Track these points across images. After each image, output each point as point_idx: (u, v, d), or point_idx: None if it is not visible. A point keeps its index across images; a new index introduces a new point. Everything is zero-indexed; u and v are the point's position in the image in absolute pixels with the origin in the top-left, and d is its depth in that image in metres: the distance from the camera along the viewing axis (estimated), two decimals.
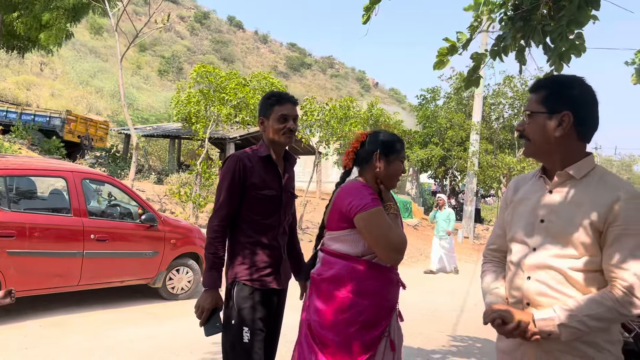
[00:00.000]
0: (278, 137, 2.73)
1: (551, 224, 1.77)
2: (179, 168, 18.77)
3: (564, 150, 1.81)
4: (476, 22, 3.93)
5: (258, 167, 2.71)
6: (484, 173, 20.54)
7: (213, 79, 12.32)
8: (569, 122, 1.78)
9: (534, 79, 3.98)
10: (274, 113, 2.71)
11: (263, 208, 2.71)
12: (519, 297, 1.82)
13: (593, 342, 1.70)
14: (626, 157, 49.10)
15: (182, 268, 7.66)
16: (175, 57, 70.53)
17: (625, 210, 1.66)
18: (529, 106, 1.86)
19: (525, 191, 1.93)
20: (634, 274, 1.62)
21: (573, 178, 1.79)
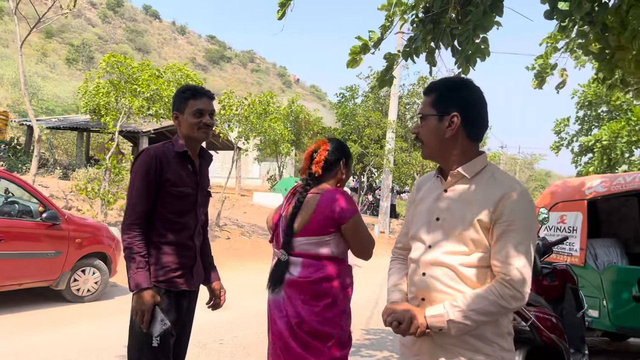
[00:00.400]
0: (193, 133, 2.63)
1: (445, 222, 1.83)
2: (88, 163, 17.78)
3: (455, 151, 1.87)
4: (388, 22, 3.98)
5: (174, 162, 2.59)
6: (399, 170, 21.20)
7: (124, 69, 11.74)
8: (457, 123, 1.84)
9: None
10: (189, 107, 2.61)
11: (178, 206, 2.59)
12: (415, 293, 1.88)
13: (482, 335, 1.76)
14: (528, 155, 52.60)
15: (89, 269, 7.26)
16: (85, 46, 66.81)
17: (510, 206, 1.73)
18: (421, 109, 1.93)
19: (425, 190, 2.00)
20: (516, 268, 1.70)
21: (465, 177, 1.85)
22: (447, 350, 1.78)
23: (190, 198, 2.63)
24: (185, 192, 2.59)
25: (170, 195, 2.55)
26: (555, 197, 6.19)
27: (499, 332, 1.79)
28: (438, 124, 1.86)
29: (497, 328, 1.79)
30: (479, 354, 1.76)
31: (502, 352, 1.79)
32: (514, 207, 1.73)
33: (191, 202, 2.64)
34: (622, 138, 17.47)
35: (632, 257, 6.37)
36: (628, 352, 6.16)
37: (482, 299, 1.70)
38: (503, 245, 1.72)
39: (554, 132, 21.59)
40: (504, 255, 1.71)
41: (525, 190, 1.78)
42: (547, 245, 4.35)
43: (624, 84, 4.69)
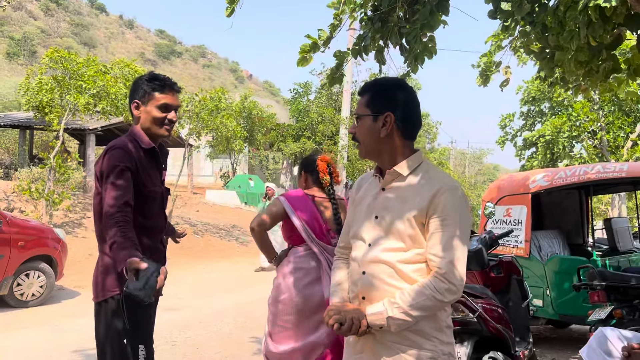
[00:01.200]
0: (156, 129, 2.44)
1: (383, 220, 1.87)
2: (31, 162, 17.05)
3: (390, 149, 1.92)
4: (337, 20, 4.00)
5: (143, 160, 2.40)
6: (353, 166, 21.39)
7: (69, 64, 11.30)
8: (391, 122, 1.89)
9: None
10: (154, 100, 2.40)
11: (149, 208, 2.42)
12: (356, 292, 1.91)
13: (421, 330, 1.81)
14: (477, 150, 54.03)
15: (33, 272, 6.99)
16: (27, 39, 63.94)
17: (444, 202, 1.79)
18: (356, 110, 1.96)
19: (364, 190, 2.03)
20: (449, 262, 1.75)
21: (401, 175, 1.90)
22: (388, 348, 1.81)
23: (159, 198, 2.49)
24: (156, 192, 2.44)
25: (143, 197, 2.36)
26: (502, 191, 6.40)
27: (438, 327, 1.84)
28: (373, 124, 1.89)
29: (436, 323, 1.83)
30: (419, 349, 1.80)
31: (442, 346, 1.83)
32: (447, 202, 1.79)
33: (160, 203, 2.51)
34: (564, 133, 18.22)
35: (573, 247, 6.67)
36: (571, 339, 6.44)
37: (418, 294, 1.73)
38: (437, 239, 1.77)
39: (499, 127, 22.31)
40: (438, 249, 1.76)
41: (458, 186, 1.85)
42: (493, 239, 4.47)
43: (563, 82, 4.88)
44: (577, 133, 18.20)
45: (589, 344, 2.47)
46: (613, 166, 5.77)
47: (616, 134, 18.16)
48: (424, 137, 38.22)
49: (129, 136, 2.45)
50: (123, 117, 12.98)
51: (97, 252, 2.46)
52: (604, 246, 7.17)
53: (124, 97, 12.26)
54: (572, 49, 3.65)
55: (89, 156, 17.21)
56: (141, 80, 2.47)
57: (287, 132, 25.77)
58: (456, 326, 3.47)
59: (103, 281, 2.33)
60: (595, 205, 23.86)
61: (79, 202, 13.10)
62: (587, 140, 18.60)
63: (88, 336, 5.62)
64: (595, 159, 18.22)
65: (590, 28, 3.24)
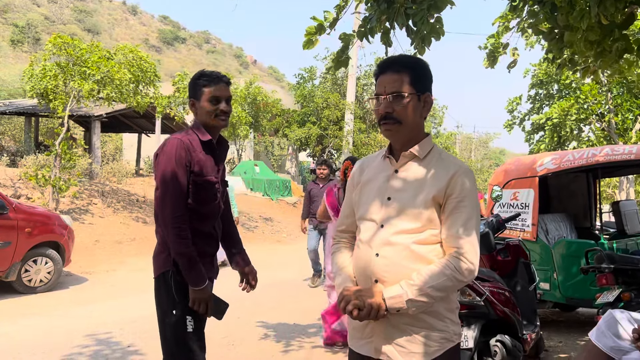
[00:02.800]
0: (210, 120, 2.59)
1: (397, 201, 1.84)
2: (37, 149, 17.09)
3: (417, 131, 1.90)
4: (343, 1, 3.94)
5: (199, 152, 2.55)
6: (358, 151, 21.30)
7: (72, 51, 11.24)
8: (430, 103, 1.88)
9: None
10: (205, 95, 2.57)
11: (203, 195, 2.56)
12: (368, 274, 1.87)
13: (436, 311, 1.80)
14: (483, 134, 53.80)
15: (41, 258, 7.04)
16: (30, 26, 63.85)
17: (461, 183, 1.79)
18: (397, 87, 1.82)
19: (371, 172, 1.98)
20: (468, 242, 1.75)
21: (417, 157, 1.88)
22: (401, 331, 1.79)
23: (214, 187, 2.62)
24: (210, 182, 2.58)
25: (197, 185, 2.53)
26: (509, 174, 6.34)
27: (450, 307, 1.84)
28: (417, 103, 1.85)
29: (448, 303, 1.83)
30: (433, 330, 1.79)
31: (453, 326, 1.84)
32: (465, 184, 1.79)
33: (214, 192, 2.63)
34: (572, 116, 18.05)
35: (581, 230, 6.62)
36: (578, 322, 6.43)
37: (439, 275, 1.72)
38: (455, 220, 1.77)
39: (506, 110, 22.12)
40: (458, 230, 1.76)
41: (470, 170, 1.86)
42: (500, 222, 4.45)
43: (572, 64, 4.80)
44: (584, 116, 18.03)
45: (598, 327, 2.45)
46: (621, 148, 5.70)
47: (624, 116, 17.98)
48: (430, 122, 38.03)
49: (189, 130, 2.63)
50: (128, 104, 12.91)
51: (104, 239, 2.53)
52: (612, 229, 7.12)
53: (129, 83, 12.20)
54: (582, 28, 3.58)
55: (94, 143, 17.23)
56: (192, 80, 2.66)
57: (292, 118, 25.65)
58: (463, 310, 3.46)
59: (157, 259, 2.56)
60: (603, 188, 23.74)
61: (85, 188, 13.14)
62: (595, 123, 18.43)
63: (97, 321, 5.67)
64: (603, 141, 18.07)
65: (602, 6, 3.17)
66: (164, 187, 2.46)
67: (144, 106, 13.04)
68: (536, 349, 4.48)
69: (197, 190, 2.52)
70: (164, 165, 2.47)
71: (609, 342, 2.34)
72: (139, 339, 5.09)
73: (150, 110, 16.02)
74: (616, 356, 2.30)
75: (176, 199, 2.45)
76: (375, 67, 1.96)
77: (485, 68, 5.71)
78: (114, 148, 28.40)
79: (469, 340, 3.42)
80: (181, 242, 2.41)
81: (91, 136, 17.70)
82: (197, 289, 2.43)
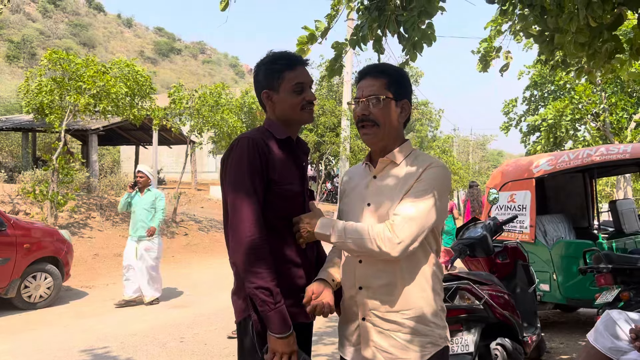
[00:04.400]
0: (296, 114, 2.02)
1: (376, 206, 1.87)
2: (35, 164, 17.09)
3: (396, 136, 1.94)
4: (334, 10, 3.97)
5: (277, 153, 1.98)
6: (356, 157, 21.31)
7: (67, 65, 11.27)
8: (408, 110, 1.94)
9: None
10: (286, 82, 1.99)
11: (286, 209, 1.97)
12: (352, 281, 1.90)
13: (420, 316, 1.82)
14: (480, 137, 53.83)
15: (40, 274, 7.02)
16: (26, 42, 64.00)
17: (428, 173, 1.82)
18: (374, 90, 1.88)
19: (354, 180, 2.04)
20: (405, 218, 1.74)
21: (393, 162, 1.91)
22: (387, 337, 1.82)
23: (299, 198, 2.04)
24: (292, 191, 2.00)
25: (276, 196, 1.94)
26: (505, 176, 6.36)
27: (434, 311, 1.85)
28: (395, 108, 1.90)
29: (432, 308, 1.85)
30: (418, 335, 1.81)
31: (439, 330, 1.86)
32: (430, 173, 1.82)
33: (299, 203, 2.04)
34: (567, 116, 18.11)
35: (579, 231, 6.64)
36: (579, 323, 6.43)
37: (362, 232, 1.77)
38: (405, 200, 1.79)
39: (503, 113, 22.19)
40: (400, 208, 1.78)
41: (445, 166, 1.89)
42: (497, 225, 4.46)
43: (565, 65, 4.83)
44: (579, 116, 18.09)
45: (596, 328, 2.46)
46: (616, 148, 5.73)
47: (619, 115, 18.04)
48: (427, 126, 38.09)
49: (261, 127, 2.10)
50: (124, 117, 12.97)
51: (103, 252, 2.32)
52: (610, 229, 7.14)
53: (125, 97, 12.23)
54: (571, 30, 3.60)
55: (91, 156, 17.24)
56: (264, 65, 2.06)
57: None
58: (462, 314, 3.47)
59: (237, 301, 1.99)
60: (601, 187, 23.77)
61: (84, 202, 13.13)
62: (590, 123, 18.49)
63: (96, 336, 5.66)
64: (599, 141, 18.11)
65: (590, 8, 3.19)
66: (235, 201, 1.87)
67: (140, 119, 13.07)
68: (537, 351, 4.48)
69: (276, 203, 1.95)
70: (233, 174, 1.90)
71: (606, 343, 2.34)
72: (139, 353, 5.08)
73: (147, 122, 16.04)
74: (614, 356, 2.31)
75: (251, 217, 1.83)
76: (357, 74, 2.01)
77: (479, 72, 5.74)
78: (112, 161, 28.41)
79: (470, 344, 3.42)
80: (257, 274, 1.80)
81: (89, 150, 17.71)
82: (278, 337, 1.79)
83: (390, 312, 1.81)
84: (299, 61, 2.05)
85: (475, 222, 4.60)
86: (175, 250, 12.40)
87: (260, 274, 1.80)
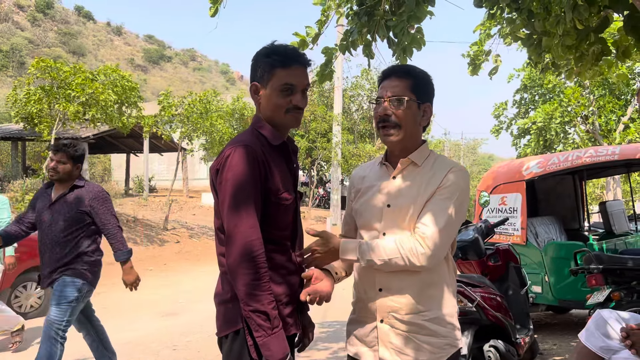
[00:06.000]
0: (279, 117, 1.89)
1: (396, 207, 1.85)
2: (25, 173, 16.97)
3: (415, 138, 1.92)
4: (324, 16, 3.99)
5: (272, 161, 1.86)
6: (347, 162, 21.35)
7: (56, 74, 11.22)
8: (430, 114, 1.92)
9: None
10: (275, 80, 1.85)
11: (281, 218, 1.89)
12: (372, 283, 1.88)
13: (438, 318, 1.82)
14: (471, 141, 54.18)
15: (31, 284, 6.96)
16: (15, 51, 63.69)
17: (451, 178, 1.81)
18: (397, 91, 1.85)
19: (369, 180, 2.00)
20: (433, 228, 1.73)
21: (414, 164, 1.90)
22: (407, 339, 1.81)
23: (292, 206, 1.94)
24: (288, 200, 1.90)
25: (273, 206, 1.85)
26: (496, 179, 6.39)
27: (451, 313, 1.86)
28: (417, 111, 1.89)
29: (449, 309, 1.85)
30: (437, 337, 1.81)
31: (455, 331, 1.86)
32: (453, 178, 1.81)
33: (292, 211, 1.95)
34: (556, 119, 18.26)
35: (570, 232, 6.68)
36: (571, 324, 6.46)
37: (393, 251, 1.75)
38: (430, 208, 1.78)
39: (493, 116, 22.33)
40: (428, 219, 1.76)
41: (463, 169, 1.88)
42: (489, 227, 4.48)
43: (555, 67, 4.88)
44: (569, 118, 18.25)
45: (587, 328, 2.47)
46: (605, 149, 5.78)
47: (608, 117, 18.22)
48: None
49: (253, 129, 1.93)
50: (113, 125, 12.92)
51: None
52: (600, 230, 7.19)
53: (113, 104, 12.19)
54: (558, 33, 3.64)
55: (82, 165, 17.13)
56: (260, 56, 1.92)
57: None
58: None
59: (224, 309, 1.85)
60: (592, 189, 23.95)
61: None
62: (580, 125, 18.65)
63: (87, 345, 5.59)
64: (589, 143, 18.27)
65: (576, 11, 3.23)
66: (233, 215, 1.73)
67: (128, 127, 13.03)
68: (530, 352, 4.49)
69: (273, 213, 1.85)
70: (231, 186, 1.75)
71: (598, 342, 2.36)
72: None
73: (138, 130, 15.99)
74: (606, 356, 2.32)
75: (251, 234, 1.72)
76: (379, 74, 2.00)
77: (471, 76, 5.77)
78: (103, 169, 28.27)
79: (463, 347, 3.43)
80: (257, 296, 1.69)
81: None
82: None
83: (410, 314, 1.81)
84: (296, 60, 1.90)
85: (466, 225, 4.61)
86: (167, 257, 12.34)
87: (259, 297, 1.68)
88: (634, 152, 5.51)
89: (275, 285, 1.79)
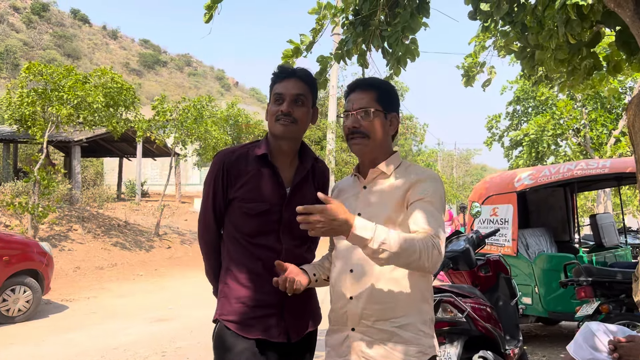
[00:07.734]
0: (271, 125, 2.04)
1: (367, 216, 1.84)
2: (16, 176, 16.85)
3: (385, 148, 1.96)
4: (319, 25, 4.01)
5: (251, 170, 2.02)
6: (341, 171, 21.39)
7: (48, 77, 11.18)
8: (397, 124, 1.97)
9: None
10: (272, 93, 2.05)
11: (252, 226, 2.02)
12: (342, 291, 1.89)
13: (410, 325, 1.82)
14: (464, 151, 54.39)
15: (19, 287, 6.90)
16: (9, 53, 63.45)
17: (424, 185, 1.82)
18: (364, 103, 1.90)
19: (345, 192, 2.05)
20: (440, 233, 1.72)
21: (383, 173, 1.93)
22: (378, 347, 1.81)
23: (271, 216, 2.01)
24: (259, 209, 1.99)
25: (241, 213, 2.01)
26: (488, 190, 6.43)
27: (423, 320, 1.86)
28: (384, 121, 1.92)
29: (421, 316, 1.85)
30: (409, 345, 1.80)
31: (427, 339, 1.85)
32: (429, 185, 1.83)
33: (272, 222, 2.02)
34: (548, 132, 18.39)
35: (560, 244, 6.71)
36: (561, 336, 6.47)
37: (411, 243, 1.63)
38: (420, 213, 1.75)
39: (486, 128, 22.45)
40: (424, 223, 1.72)
41: (436, 176, 1.89)
42: (480, 238, 4.49)
43: (548, 80, 4.92)
44: (561, 131, 18.38)
45: (576, 340, 2.48)
46: (596, 163, 5.83)
47: (599, 131, 18.36)
48: (411, 140, 38.36)
49: (256, 140, 2.16)
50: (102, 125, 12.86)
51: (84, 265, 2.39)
52: (590, 242, 7.23)
53: (103, 107, 12.13)
54: (551, 47, 3.69)
55: (74, 168, 17.07)
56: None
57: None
58: (445, 326, 3.48)
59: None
60: (582, 202, 24.09)
61: (65, 214, 12.96)
62: (571, 138, 18.79)
63: (78, 349, 5.56)
64: (580, 156, 18.40)
65: (569, 26, 3.27)
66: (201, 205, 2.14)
67: (120, 130, 12.98)
68: None
69: (241, 219, 2.02)
70: (204, 182, 2.13)
71: (586, 355, 2.37)
72: None
73: (131, 134, 15.94)
74: None
75: (204, 225, 2.12)
76: (346, 88, 2.04)
77: (465, 87, 5.81)
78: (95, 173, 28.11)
79: (452, 357, 3.43)
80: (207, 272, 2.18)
81: (71, 161, 17.53)
82: None
83: (380, 320, 1.81)
84: (288, 73, 2.07)
85: (458, 235, 4.63)
86: (158, 263, 12.27)
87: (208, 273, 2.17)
88: (624, 165, 5.56)
89: (237, 286, 2.02)
